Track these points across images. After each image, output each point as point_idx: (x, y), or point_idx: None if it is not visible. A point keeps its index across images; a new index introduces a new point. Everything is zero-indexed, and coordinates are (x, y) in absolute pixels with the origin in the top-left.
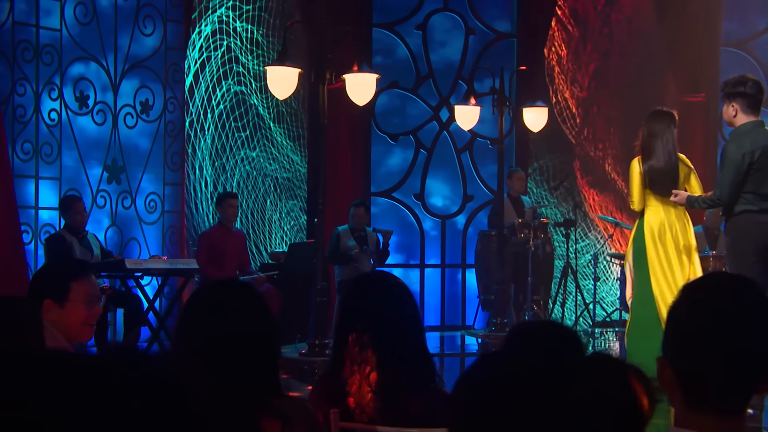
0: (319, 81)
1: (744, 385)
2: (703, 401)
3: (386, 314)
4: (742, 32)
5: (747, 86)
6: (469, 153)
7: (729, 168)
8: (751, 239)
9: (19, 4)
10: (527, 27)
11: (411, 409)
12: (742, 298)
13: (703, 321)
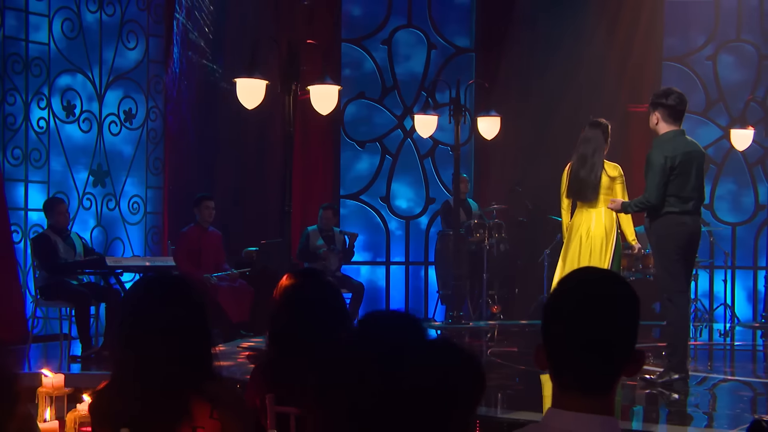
0: (285, 92)
1: (606, 369)
2: (570, 383)
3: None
4: (683, 48)
5: (669, 98)
6: (431, 159)
7: (654, 172)
8: (674, 238)
9: (10, 19)
10: (484, 42)
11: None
12: (604, 291)
13: (567, 311)
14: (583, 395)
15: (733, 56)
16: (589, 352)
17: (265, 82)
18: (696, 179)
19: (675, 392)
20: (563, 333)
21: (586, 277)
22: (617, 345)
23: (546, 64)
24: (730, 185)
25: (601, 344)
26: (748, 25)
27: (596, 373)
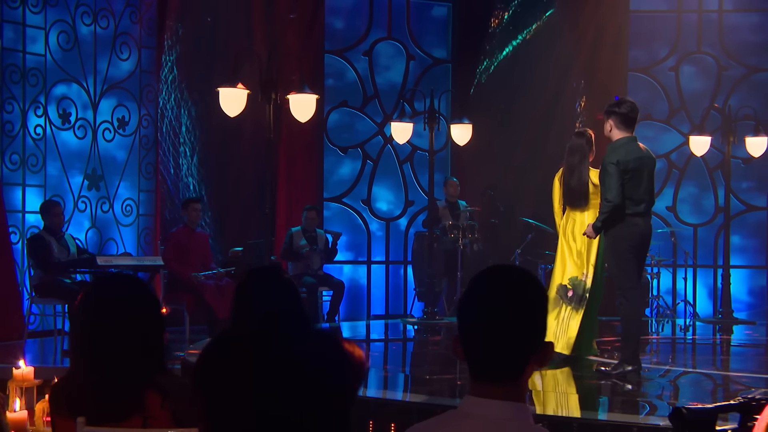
0: (266, 101)
1: (515, 359)
2: (483, 372)
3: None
4: (647, 59)
5: (622, 107)
6: (410, 163)
7: (611, 174)
8: (627, 239)
9: (8, 32)
10: (460, 54)
11: None
12: (512, 287)
13: (478, 305)
14: (495, 384)
15: (694, 67)
16: (499, 343)
17: (247, 92)
18: (647, 183)
19: (628, 383)
20: (475, 325)
21: (496, 273)
22: (525, 337)
23: (519, 73)
24: (692, 189)
25: (510, 336)
26: (708, 38)
27: (506, 363)
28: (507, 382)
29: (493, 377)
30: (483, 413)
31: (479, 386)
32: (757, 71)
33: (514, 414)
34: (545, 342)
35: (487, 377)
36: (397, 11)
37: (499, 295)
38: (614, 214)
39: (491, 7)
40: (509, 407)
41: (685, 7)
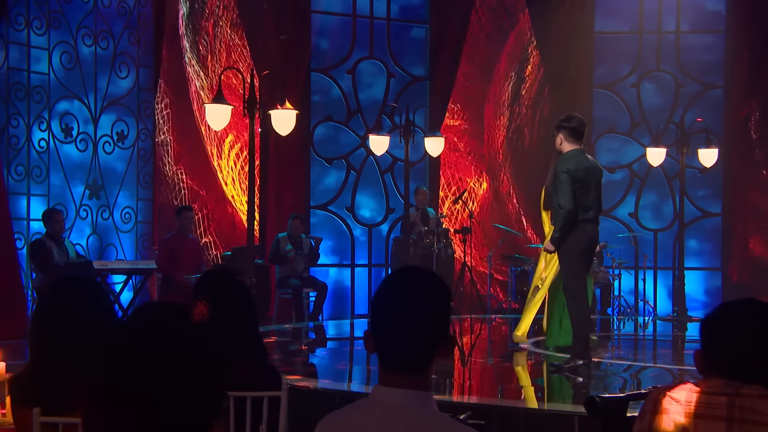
0: (249, 116)
1: (420, 352)
2: (391, 364)
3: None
4: (610, 76)
5: (571, 122)
6: (391, 173)
7: (563, 183)
8: (577, 243)
9: (13, 52)
10: (437, 72)
11: (242, 376)
12: (416, 285)
13: (385, 302)
14: (402, 374)
15: (653, 84)
16: (404, 338)
17: (231, 107)
18: (595, 191)
19: (579, 376)
20: (383, 322)
21: (403, 275)
22: (428, 331)
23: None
24: (653, 196)
25: (414, 331)
26: (667, 57)
27: (411, 356)
28: (412, 373)
29: (399, 368)
30: (390, 401)
31: (388, 377)
32: (711, 88)
33: (418, 402)
34: (449, 336)
35: (394, 368)
36: (378, 32)
37: (404, 295)
38: (568, 220)
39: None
40: (414, 396)
41: (645, 29)
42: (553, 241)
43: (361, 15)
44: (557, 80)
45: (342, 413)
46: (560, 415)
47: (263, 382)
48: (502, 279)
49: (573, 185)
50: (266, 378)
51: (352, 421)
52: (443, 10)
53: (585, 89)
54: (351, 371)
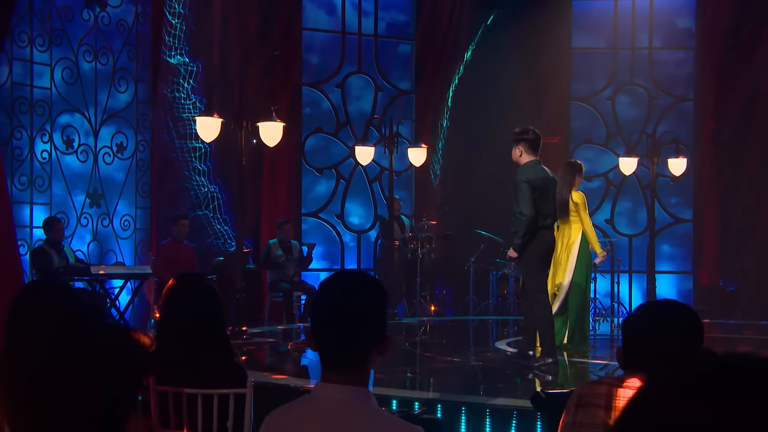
0: (238, 128)
1: (356, 351)
2: (330, 362)
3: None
4: (587, 90)
5: (529, 134)
6: (378, 182)
7: (523, 191)
8: (536, 249)
9: (17, 68)
10: (422, 86)
11: (208, 375)
12: (351, 288)
13: (323, 304)
14: (340, 371)
15: (628, 97)
16: (341, 337)
17: (221, 120)
18: (552, 200)
19: (548, 374)
20: (322, 322)
21: (340, 278)
22: (363, 331)
23: (473, 103)
24: (628, 204)
25: (350, 331)
26: (640, 72)
27: (347, 354)
28: (350, 369)
29: (338, 366)
30: (329, 396)
31: (328, 373)
32: (682, 101)
33: (355, 397)
34: (385, 335)
35: (333, 366)
36: (366, 48)
37: (340, 298)
38: (530, 227)
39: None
40: (352, 391)
41: (620, 45)
42: (515, 247)
43: (350, 32)
44: (537, 93)
45: (287, 408)
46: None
47: (230, 381)
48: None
49: (533, 194)
50: (233, 377)
51: (295, 415)
52: (428, 27)
53: (563, 102)
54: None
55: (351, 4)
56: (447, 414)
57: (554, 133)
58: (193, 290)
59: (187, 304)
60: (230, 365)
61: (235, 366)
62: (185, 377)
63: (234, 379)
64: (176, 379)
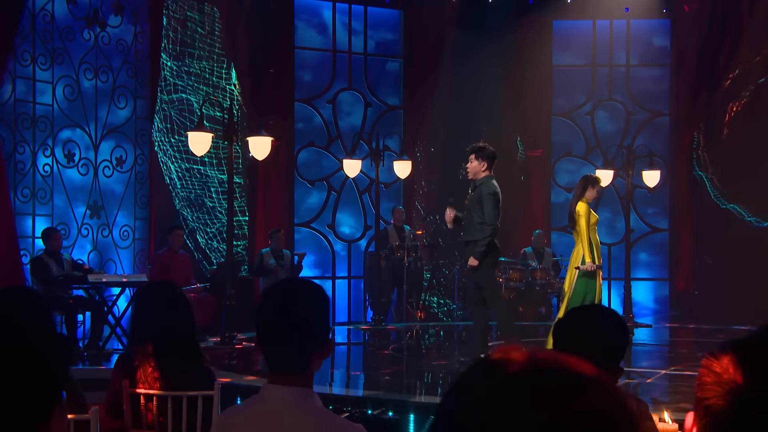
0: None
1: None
2: (274, 364)
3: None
4: (567, 105)
5: (489, 150)
6: (368, 194)
7: (491, 202)
8: (494, 257)
9: (20, 86)
10: (410, 102)
11: (179, 379)
12: (290, 295)
13: (265, 311)
14: (285, 373)
15: (606, 112)
16: (282, 341)
17: (211, 135)
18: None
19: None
20: (266, 327)
21: (282, 286)
22: (303, 335)
23: (458, 118)
24: (607, 213)
25: (292, 336)
26: (618, 88)
27: (289, 357)
28: (294, 371)
29: (281, 368)
30: (274, 397)
31: (273, 375)
32: (658, 115)
33: (300, 397)
34: (327, 339)
35: (278, 368)
36: (356, 66)
37: (281, 304)
38: (493, 236)
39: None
40: (296, 392)
41: (598, 63)
42: (477, 255)
43: (341, 50)
44: (520, 109)
45: (237, 407)
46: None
47: (199, 384)
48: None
49: (496, 206)
50: (202, 380)
51: (244, 414)
52: (416, 45)
53: (545, 117)
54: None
55: (341, 24)
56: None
57: (536, 147)
58: (162, 298)
59: (157, 312)
60: (199, 369)
61: (204, 369)
62: (157, 380)
63: (202, 382)
64: (149, 382)
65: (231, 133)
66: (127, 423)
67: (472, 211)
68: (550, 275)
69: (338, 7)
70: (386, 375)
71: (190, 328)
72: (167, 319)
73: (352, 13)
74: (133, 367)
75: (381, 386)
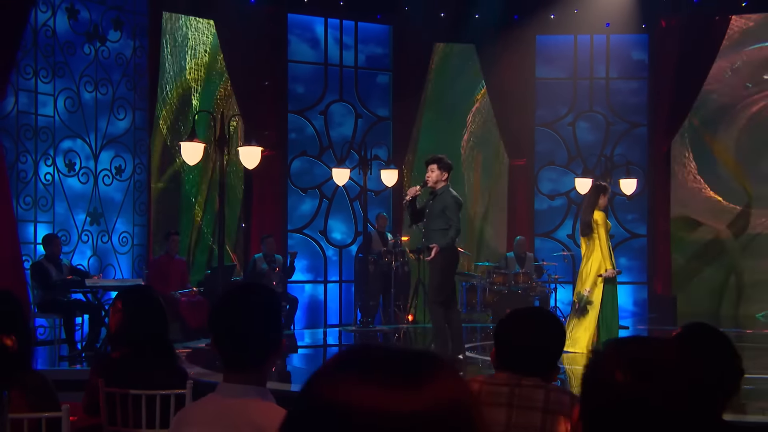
0: (219, 152)
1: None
2: (229, 363)
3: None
4: (550, 116)
5: (448, 161)
6: (359, 201)
7: (457, 210)
8: (454, 262)
9: (22, 98)
10: (399, 113)
11: (154, 378)
12: (241, 298)
13: (215, 315)
14: (239, 372)
15: (587, 123)
16: (232, 342)
17: (203, 145)
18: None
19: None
20: (220, 329)
21: (235, 291)
22: (251, 336)
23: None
24: None
25: (244, 337)
26: (598, 100)
27: (244, 357)
28: (249, 371)
29: (236, 367)
30: (230, 395)
31: (229, 374)
32: (636, 126)
33: (254, 395)
34: (280, 339)
35: (232, 367)
36: (347, 78)
37: (236, 306)
38: (455, 240)
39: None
40: (251, 390)
41: (579, 76)
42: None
43: (332, 64)
44: (504, 119)
45: (193, 404)
46: None
47: (173, 383)
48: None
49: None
50: (175, 379)
51: (199, 409)
52: (404, 59)
53: (528, 127)
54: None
55: (333, 39)
56: None
57: (521, 156)
58: (138, 302)
59: (133, 315)
60: (173, 368)
61: (177, 369)
62: (133, 379)
63: (176, 381)
64: (125, 381)
65: (223, 144)
66: (103, 420)
67: (436, 218)
68: (532, 279)
69: (330, 23)
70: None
71: (164, 330)
72: (143, 321)
73: (344, 29)
74: (109, 366)
75: None
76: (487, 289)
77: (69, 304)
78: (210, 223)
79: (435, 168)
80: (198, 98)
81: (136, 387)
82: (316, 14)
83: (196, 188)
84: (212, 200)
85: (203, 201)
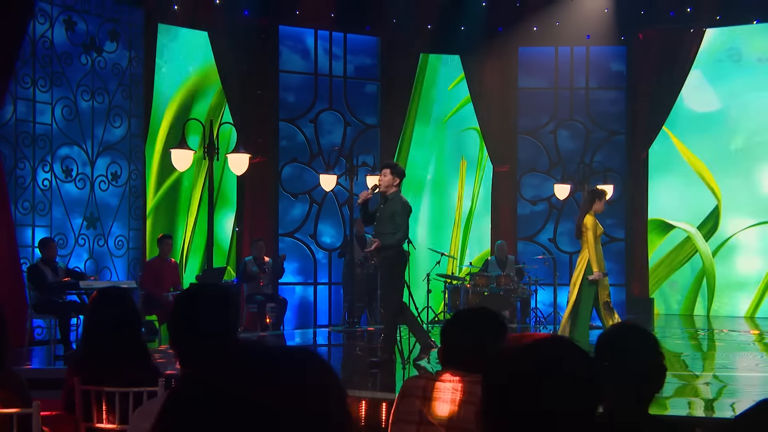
0: (208, 159)
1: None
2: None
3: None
4: (532, 125)
5: (401, 168)
6: (348, 206)
7: (406, 215)
8: (403, 266)
9: (21, 107)
10: (387, 122)
11: (127, 376)
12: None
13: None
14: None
15: (568, 131)
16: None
17: (193, 152)
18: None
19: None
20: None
21: (192, 288)
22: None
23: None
24: (570, 224)
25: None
26: (578, 109)
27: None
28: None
29: (189, 364)
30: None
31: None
32: (615, 134)
33: None
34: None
35: (185, 364)
36: (336, 88)
37: (192, 306)
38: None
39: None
40: None
41: (560, 86)
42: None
43: (322, 74)
44: (488, 127)
45: (154, 400)
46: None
47: (146, 380)
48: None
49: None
50: (148, 377)
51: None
52: (392, 69)
53: (511, 135)
54: None
55: (323, 50)
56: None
57: (504, 163)
58: (113, 302)
59: (107, 315)
60: (146, 366)
61: (150, 367)
62: (107, 377)
63: (148, 379)
64: (99, 379)
65: (212, 151)
66: (78, 417)
67: (386, 222)
68: (513, 281)
69: (320, 34)
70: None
71: (138, 329)
72: (118, 321)
73: (333, 40)
74: (84, 365)
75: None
76: (470, 292)
77: (64, 305)
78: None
79: (388, 173)
80: (192, 107)
81: (109, 384)
82: (306, 26)
83: (190, 193)
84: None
85: (197, 206)
